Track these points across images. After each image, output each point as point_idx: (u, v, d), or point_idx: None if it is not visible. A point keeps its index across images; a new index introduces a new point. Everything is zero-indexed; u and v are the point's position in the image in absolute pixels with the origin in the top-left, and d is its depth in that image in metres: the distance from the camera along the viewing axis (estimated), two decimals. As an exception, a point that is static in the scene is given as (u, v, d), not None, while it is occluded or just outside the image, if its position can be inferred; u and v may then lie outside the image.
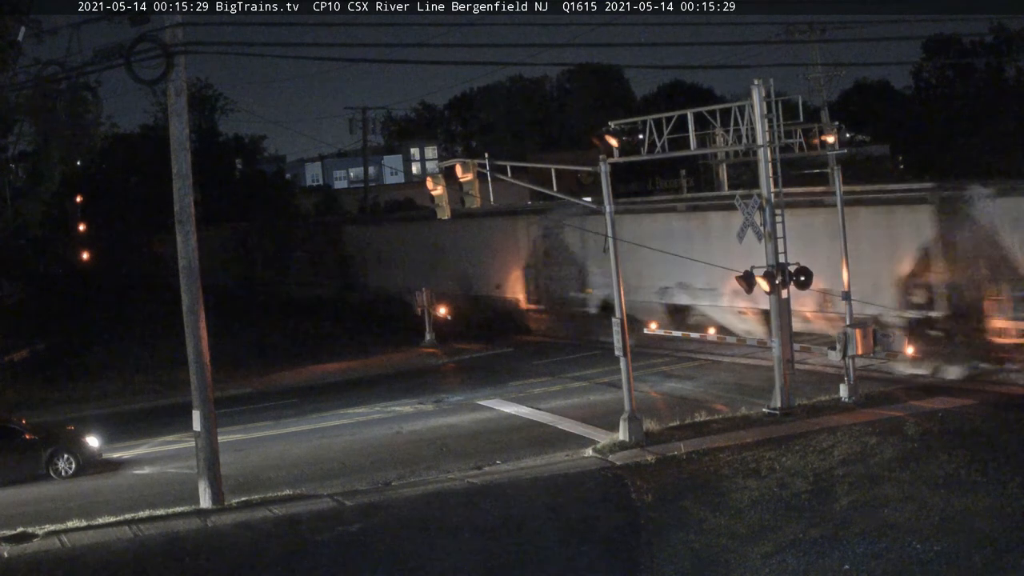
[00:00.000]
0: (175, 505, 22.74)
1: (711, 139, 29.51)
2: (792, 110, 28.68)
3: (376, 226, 62.05)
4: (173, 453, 28.40)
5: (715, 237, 35.71)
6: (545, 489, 22.66)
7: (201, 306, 22.64)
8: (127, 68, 21.04)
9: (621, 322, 26.09)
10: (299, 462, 26.81)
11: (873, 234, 31.77)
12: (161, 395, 36.92)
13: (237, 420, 31.47)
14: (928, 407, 26.52)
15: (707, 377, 33.65)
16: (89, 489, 25.54)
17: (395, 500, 22.57)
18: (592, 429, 27.50)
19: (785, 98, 28.22)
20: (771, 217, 27.10)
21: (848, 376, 27.99)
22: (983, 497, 19.64)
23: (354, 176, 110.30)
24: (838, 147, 28.49)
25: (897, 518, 19.06)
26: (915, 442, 23.53)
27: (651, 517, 20.44)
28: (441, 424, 30.03)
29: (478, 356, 41.69)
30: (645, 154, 28.11)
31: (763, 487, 21.49)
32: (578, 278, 42.51)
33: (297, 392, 37.04)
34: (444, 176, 28.86)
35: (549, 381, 34.85)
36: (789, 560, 17.65)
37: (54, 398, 37.04)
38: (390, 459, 26.42)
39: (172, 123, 22.45)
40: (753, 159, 29.01)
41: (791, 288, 27.18)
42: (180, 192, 22.52)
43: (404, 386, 36.31)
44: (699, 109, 28.66)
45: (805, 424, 25.84)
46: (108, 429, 29.94)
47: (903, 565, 17.12)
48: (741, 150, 29.32)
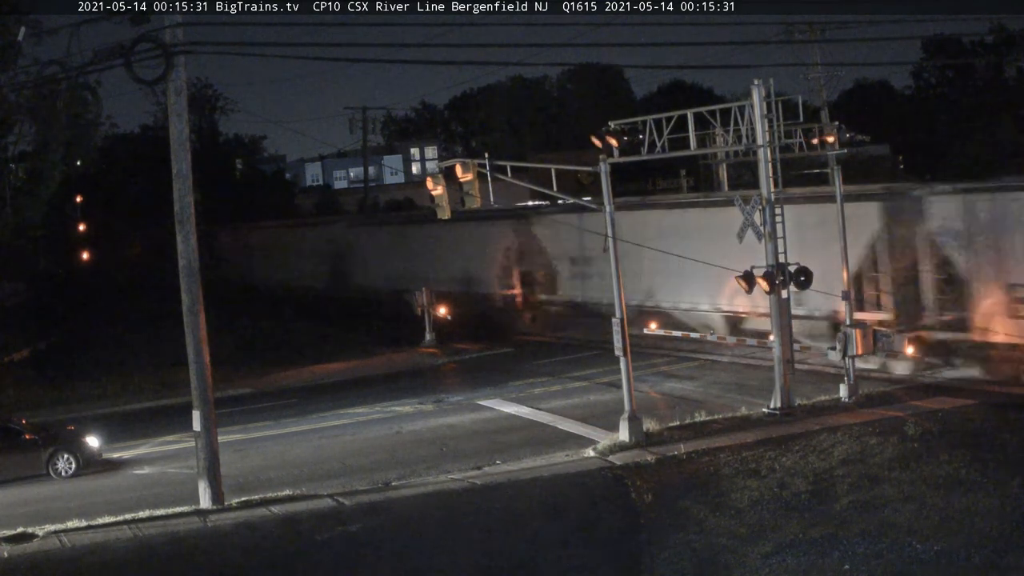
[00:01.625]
0: (175, 505, 22.73)
1: (711, 139, 29.50)
2: (792, 110, 28.63)
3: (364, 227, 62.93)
4: (173, 453, 28.40)
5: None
6: (545, 489, 22.66)
7: (201, 306, 22.63)
8: (127, 68, 21.04)
9: (621, 322, 26.09)
10: (299, 462, 26.81)
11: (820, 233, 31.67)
12: (161, 395, 36.90)
13: (237, 420, 31.47)
14: (928, 407, 26.52)
15: (707, 377, 33.65)
16: (89, 489, 25.54)
17: (395, 500, 22.57)
18: (592, 429, 27.50)
19: (785, 98, 28.21)
20: (771, 217, 27.12)
21: (848, 376, 28.01)
22: (983, 497, 19.63)
23: (354, 176, 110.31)
24: (838, 147, 28.49)
25: (897, 518, 19.06)
26: (915, 442, 23.53)
27: (651, 517, 20.45)
28: (441, 424, 30.03)
29: (478, 356, 41.69)
30: (645, 154, 28.09)
31: (763, 487, 21.48)
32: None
33: (297, 392, 37.04)
34: (444, 176, 28.86)
35: (549, 381, 34.85)
36: (789, 560, 17.64)
37: (54, 398, 37.02)
38: (390, 459, 26.42)
39: (172, 123, 22.45)
40: (753, 159, 29.00)
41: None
42: (180, 192, 22.52)
43: (404, 386, 36.31)
44: (699, 109, 28.65)
45: (805, 424, 25.84)
46: (108, 429, 29.95)
47: (903, 565, 17.12)
48: (741, 150, 29.30)
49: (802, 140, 28.68)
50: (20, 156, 42.73)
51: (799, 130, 28.77)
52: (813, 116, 46.68)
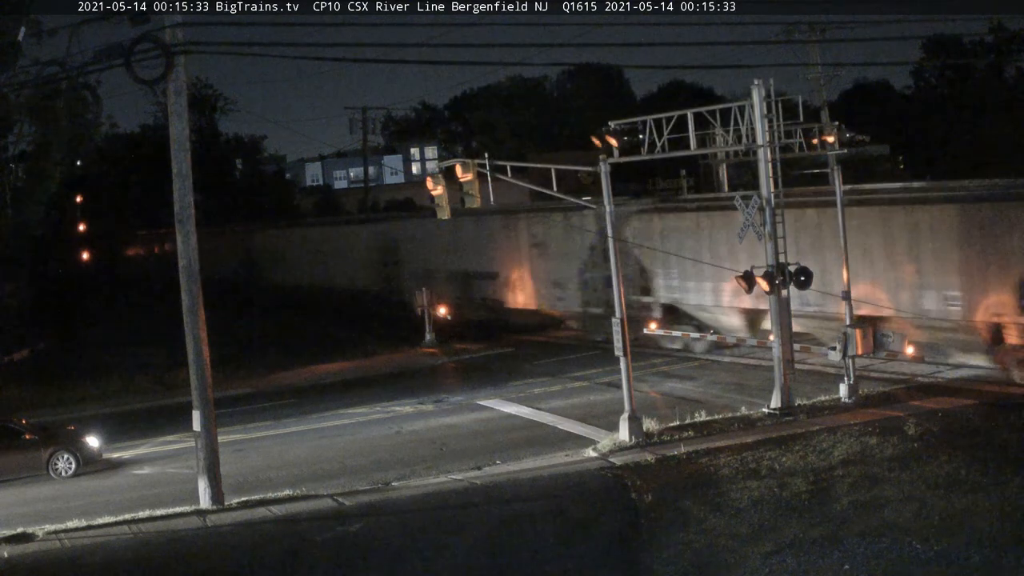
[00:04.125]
0: (175, 505, 22.72)
1: (711, 139, 29.50)
2: (792, 110, 28.63)
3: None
4: (173, 453, 28.40)
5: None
6: (545, 489, 22.65)
7: (201, 306, 22.62)
8: (127, 68, 21.01)
9: (621, 322, 26.09)
10: (299, 462, 26.81)
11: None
12: (161, 395, 36.91)
13: (237, 420, 31.47)
14: (928, 407, 26.50)
15: (707, 377, 33.65)
16: (89, 489, 25.54)
17: (395, 500, 22.57)
18: (592, 429, 27.49)
19: (785, 98, 28.21)
20: (771, 217, 27.12)
21: (848, 376, 27.99)
22: (983, 497, 19.63)
23: (354, 176, 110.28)
24: (838, 147, 28.48)
25: (897, 518, 19.05)
26: (915, 442, 23.52)
27: (651, 517, 20.44)
28: (441, 424, 30.02)
29: (478, 356, 41.68)
30: (645, 154, 28.09)
31: (763, 487, 21.48)
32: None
33: (297, 392, 37.03)
34: (444, 176, 28.88)
35: (549, 381, 34.84)
36: (789, 560, 17.65)
37: (54, 398, 37.01)
38: (390, 459, 26.42)
39: (172, 123, 22.44)
40: (753, 159, 29.00)
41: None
42: (180, 192, 22.51)
43: (404, 386, 36.30)
44: (699, 109, 28.64)
45: (805, 424, 25.83)
46: (108, 429, 29.93)
47: (903, 565, 17.12)
48: (741, 150, 29.29)
49: (802, 140, 28.65)
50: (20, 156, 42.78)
51: (799, 130, 28.76)
52: (813, 116, 46.61)
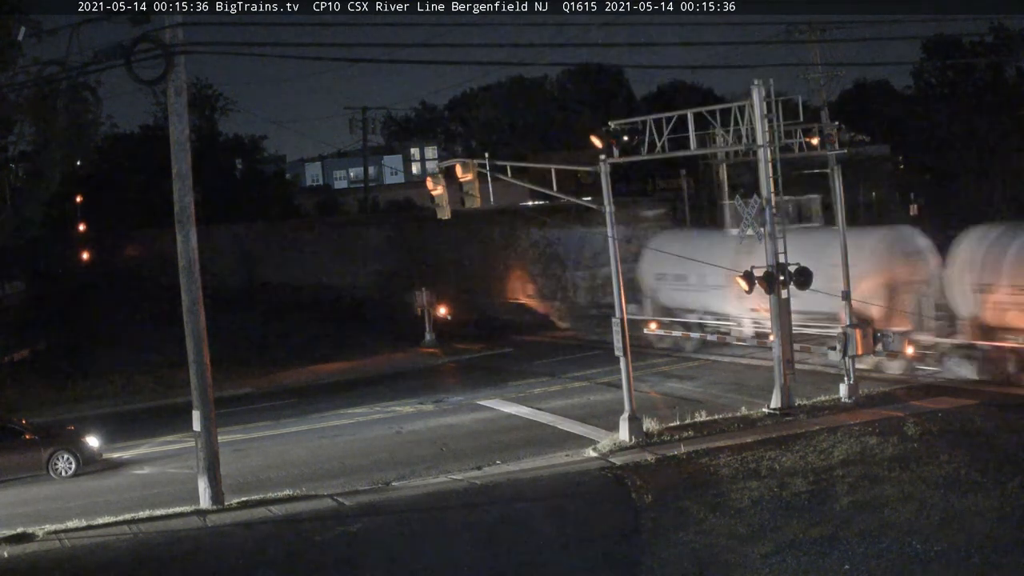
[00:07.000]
0: (175, 505, 22.73)
1: (711, 139, 29.52)
2: (792, 110, 28.65)
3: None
4: (173, 453, 28.41)
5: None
6: (545, 489, 22.66)
7: (201, 306, 22.63)
8: (127, 68, 21.01)
9: (621, 322, 26.10)
10: (299, 462, 26.81)
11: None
12: (161, 395, 36.93)
13: (237, 420, 31.49)
14: (928, 407, 26.52)
15: (707, 377, 33.66)
16: (89, 489, 25.55)
17: (395, 500, 22.57)
18: (592, 429, 27.50)
19: (785, 98, 28.22)
20: (771, 217, 27.11)
21: (848, 376, 28.00)
22: (983, 497, 19.62)
23: (354, 176, 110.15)
24: (838, 147, 28.49)
25: (897, 518, 19.04)
26: (915, 442, 23.53)
27: (651, 517, 20.41)
28: (441, 424, 30.03)
29: (478, 356, 41.69)
30: (645, 154, 28.12)
31: (763, 487, 21.46)
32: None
33: (297, 392, 37.06)
34: (444, 176, 28.89)
35: (549, 381, 34.86)
36: (789, 560, 17.62)
37: (54, 398, 37.05)
38: (390, 459, 26.42)
39: (172, 123, 22.45)
40: (753, 159, 29.01)
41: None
42: (180, 192, 22.52)
43: (404, 386, 36.32)
44: (699, 109, 28.67)
45: (805, 424, 25.84)
46: (108, 429, 29.95)
47: (903, 565, 17.09)
48: (741, 150, 29.33)
49: (802, 140, 28.69)
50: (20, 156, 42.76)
51: (799, 130, 28.78)
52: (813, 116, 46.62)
